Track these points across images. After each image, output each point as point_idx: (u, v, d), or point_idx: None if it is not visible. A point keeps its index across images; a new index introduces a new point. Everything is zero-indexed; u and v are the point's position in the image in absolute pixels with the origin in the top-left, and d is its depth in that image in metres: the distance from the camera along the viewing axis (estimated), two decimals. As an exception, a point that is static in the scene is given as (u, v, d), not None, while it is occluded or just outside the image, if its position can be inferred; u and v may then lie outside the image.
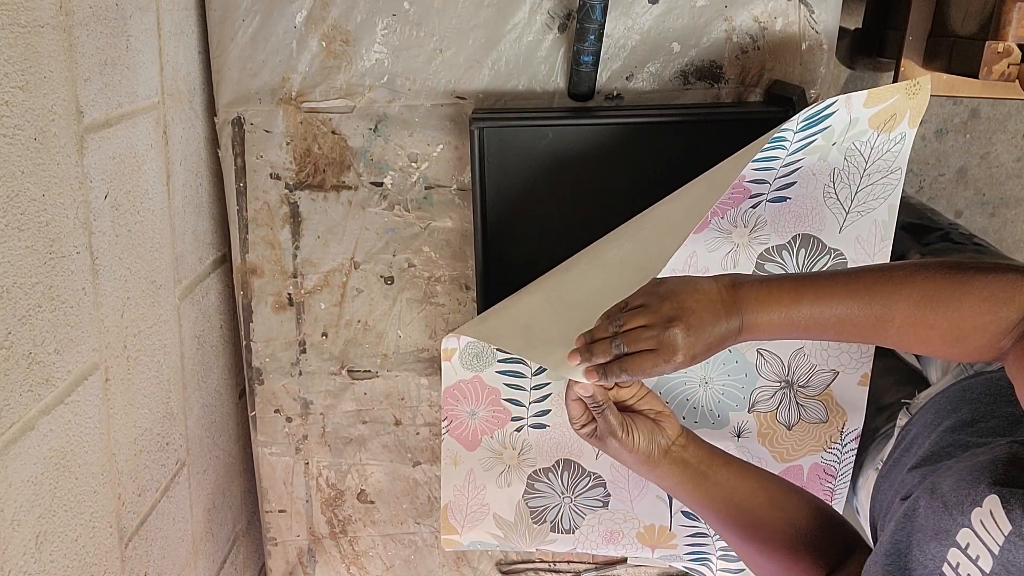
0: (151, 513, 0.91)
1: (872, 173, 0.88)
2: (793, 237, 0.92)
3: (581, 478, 1.02)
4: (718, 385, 0.99)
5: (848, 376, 0.97)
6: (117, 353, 0.82)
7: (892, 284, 0.67)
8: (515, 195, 1.01)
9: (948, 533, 0.58)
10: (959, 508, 0.58)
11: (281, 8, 0.99)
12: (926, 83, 0.81)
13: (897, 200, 0.89)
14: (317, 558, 1.20)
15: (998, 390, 0.80)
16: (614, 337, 0.71)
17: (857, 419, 0.98)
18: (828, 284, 0.69)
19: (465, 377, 0.97)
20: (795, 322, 0.69)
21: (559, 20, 0.99)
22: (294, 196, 1.06)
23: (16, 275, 0.65)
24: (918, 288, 0.66)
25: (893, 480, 0.86)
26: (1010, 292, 0.63)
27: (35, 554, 0.68)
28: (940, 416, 0.84)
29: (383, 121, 1.03)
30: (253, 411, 1.13)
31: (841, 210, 0.90)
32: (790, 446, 1.00)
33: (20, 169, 0.65)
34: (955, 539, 0.57)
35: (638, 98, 1.02)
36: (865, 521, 0.96)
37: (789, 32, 0.99)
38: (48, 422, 0.70)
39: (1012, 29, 1.01)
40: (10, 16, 0.63)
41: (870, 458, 0.98)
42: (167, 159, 0.93)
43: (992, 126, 1.94)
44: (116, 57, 0.81)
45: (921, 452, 0.82)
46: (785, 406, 0.99)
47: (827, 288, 0.69)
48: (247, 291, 1.09)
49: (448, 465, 1.01)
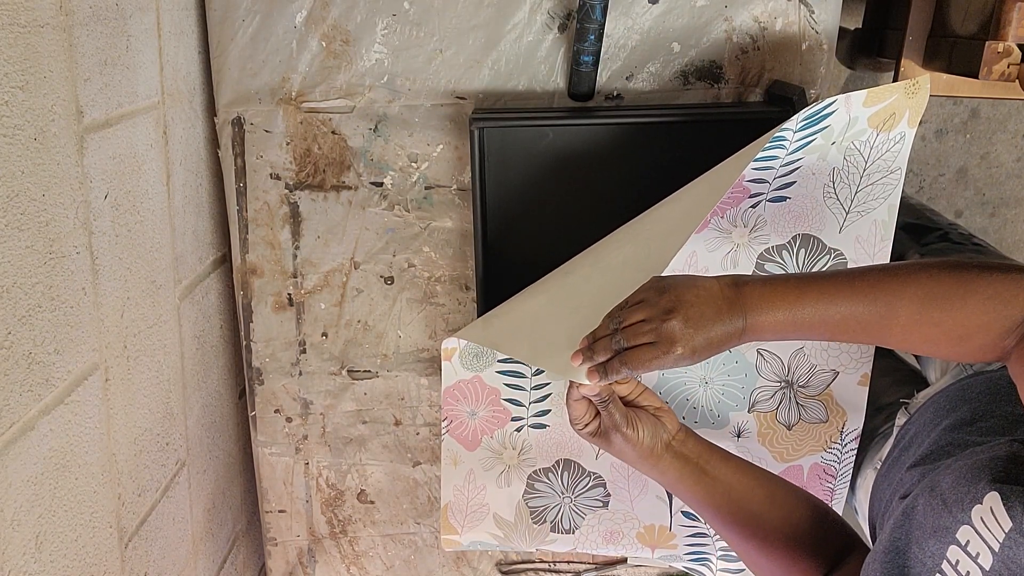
0: (151, 513, 0.91)
1: (872, 173, 0.88)
2: (793, 237, 0.92)
3: (581, 478, 1.02)
4: (718, 385, 0.99)
5: (848, 376, 0.97)
6: (117, 353, 0.82)
7: (896, 282, 0.67)
8: (515, 195, 1.01)
9: (948, 531, 0.58)
10: (959, 506, 0.58)
11: (281, 8, 0.99)
12: (925, 82, 0.81)
13: (897, 200, 0.89)
14: (317, 558, 1.20)
15: (998, 389, 0.80)
16: (614, 334, 0.72)
17: (857, 419, 0.98)
18: (832, 283, 0.69)
19: (465, 377, 0.97)
20: (799, 322, 0.69)
21: (559, 20, 0.99)
22: (294, 196, 1.06)
23: (16, 275, 0.65)
24: (922, 286, 0.66)
25: (892, 479, 0.86)
26: (1013, 291, 0.63)
27: (35, 554, 0.68)
28: (939, 415, 0.84)
29: (383, 121, 1.03)
30: (253, 411, 1.13)
31: (841, 210, 0.90)
32: (790, 446, 1.00)
33: (20, 169, 0.65)
34: (955, 536, 0.57)
35: (638, 98, 1.02)
36: (864, 521, 0.96)
37: (789, 32, 0.99)
38: (48, 422, 0.70)
39: (1012, 29, 1.01)
40: (10, 16, 0.63)
41: (869, 458, 0.99)
42: (167, 159, 0.93)
43: (992, 126, 1.94)
44: (116, 57, 0.81)
45: (920, 451, 0.82)
46: (785, 406, 0.99)
47: (831, 287, 0.68)
48: (247, 291, 1.09)
49: (448, 465, 1.01)
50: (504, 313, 0.95)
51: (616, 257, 0.89)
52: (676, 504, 1.01)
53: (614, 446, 0.79)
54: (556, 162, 1.00)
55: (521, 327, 0.90)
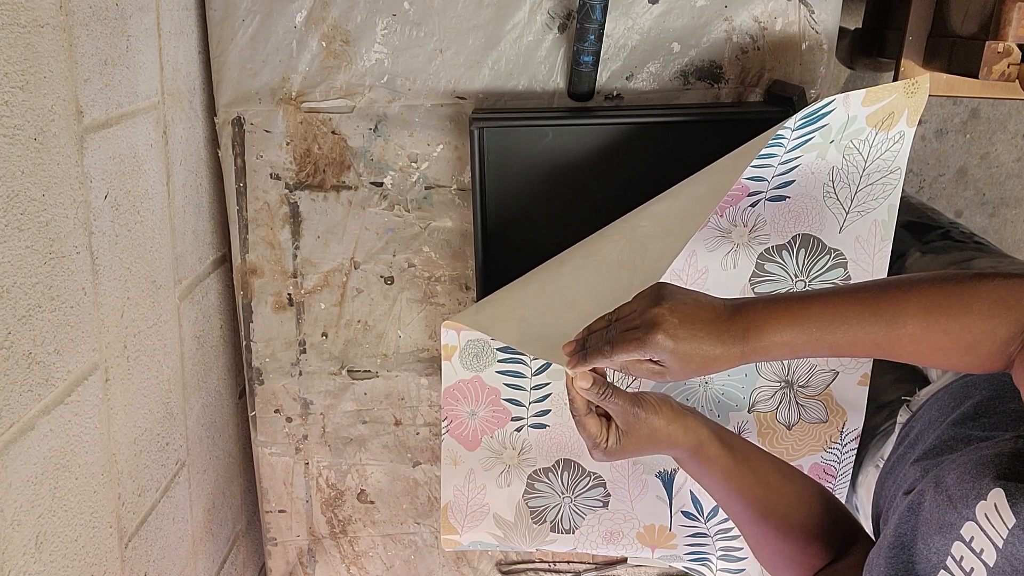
0: (151, 513, 0.91)
1: (872, 173, 0.88)
2: (793, 237, 0.92)
3: (581, 478, 1.02)
4: (718, 385, 0.99)
5: (848, 376, 0.97)
6: (117, 353, 0.82)
7: (899, 292, 0.66)
8: (515, 195, 1.01)
9: (952, 527, 0.58)
10: (964, 502, 0.58)
11: (281, 8, 0.99)
12: (924, 82, 0.81)
13: (897, 200, 0.89)
14: (317, 558, 1.20)
15: (1001, 386, 0.80)
16: (608, 326, 0.71)
17: (857, 419, 0.98)
18: (833, 301, 0.68)
19: (465, 377, 0.97)
20: (802, 344, 0.68)
21: (559, 20, 0.99)
22: (294, 196, 1.06)
23: (16, 275, 0.65)
24: (926, 294, 0.66)
25: (896, 475, 0.86)
26: (1016, 295, 0.63)
27: (35, 554, 0.68)
28: (944, 412, 0.84)
29: (383, 121, 1.03)
30: (253, 411, 1.13)
31: (841, 210, 0.90)
32: (790, 446, 1.00)
33: (20, 169, 0.65)
34: (959, 532, 0.57)
35: (638, 98, 1.02)
36: (866, 519, 0.96)
37: (789, 32, 0.99)
38: (48, 422, 0.70)
39: (1012, 29, 1.01)
40: (10, 16, 0.63)
41: (870, 456, 0.99)
42: (167, 159, 0.93)
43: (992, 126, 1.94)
44: (116, 57, 0.81)
45: (924, 446, 0.82)
46: (785, 406, 0.99)
47: (832, 306, 0.68)
48: (247, 291, 1.09)
49: (448, 465, 1.01)
50: (498, 299, 0.94)
51: (611, 254, 0.89)
52: (676, 504, 1.02)
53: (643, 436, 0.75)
54: (556, 162, 1.00)
55: (513, 312, 0.89)
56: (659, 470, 1.01)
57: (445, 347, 0.97)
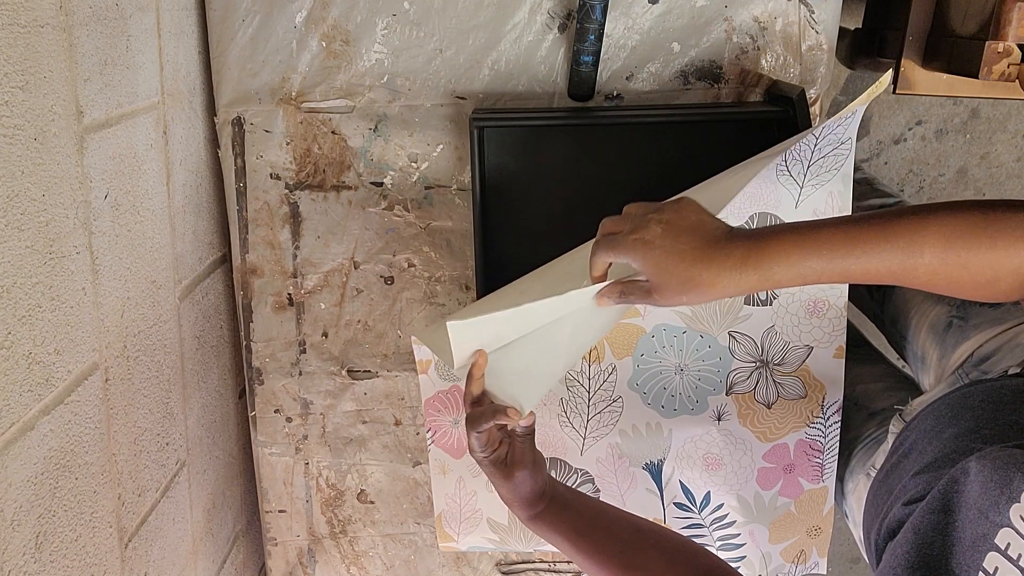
0: (151, 513, 0.91)
1: (823, 147, 0.88)
2: (751, 216, 0.92)
3: (568, 475, 1.02)
4: (693, 371, 0.98)
5: (823, 350, 0.97)
6: (117, 353, 0.82)
7: (917, 219, 0.61)
8: (515, 195, 1.01)
9: (985, 538, 0.56)
10: (995, 509, 0.56)
11: (281, 8, 0.99)
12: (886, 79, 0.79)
13: (851, 170, 0.89)
14: (317, 558, 1.20)
15: (999, 398, 0.79)
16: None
17: (836, 392, 0.98)
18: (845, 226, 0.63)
19: (443, 388, 0.98)
20: (810, 272, 0.63)
21: (559, 20, 0.99)
22: (294, 196, 1.06)
23: (16, 275, 0.65)
24: (947, 224, 0.60)
25: (892, 486, 0.85)
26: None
27: (35, 554, 0.68)
28: (941, 423, 0.83)
29: (383, 121, 1.03)
30: (253, 411, 1.13)
31: (795, 185, 0.90)
32: (772, 424, 1.00)
33: (20, 169, 0.65)
34: (993, 542, 0.55)
35: (638, 98, 1.02)
36: (856, 527, 0.96)
37: (789, 32, 0.99)
38: (48, 422, 0.70)
39: (1012, 29, 1.01)
40: (10, 16, 0.63)
41: (860, 463, 0.98)
42: (167, 159, 0.93)
43: (992, 126, 1.94)
44: (116, 57, 0.81)
45: (925, 458, 0.81)
46: (763, 385, 0.98)
47: (843, 230, 0.63)
48: (247, 291, 1.09)
49: (437, 474, 1.02)
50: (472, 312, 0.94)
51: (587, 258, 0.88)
52: (667, 495, 1.02)
53: (512, 480, 0.79)
54: (556, 162, 1.00)
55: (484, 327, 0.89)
56: (645, 462, 1.01)
57: (420, 362, 0.97)
